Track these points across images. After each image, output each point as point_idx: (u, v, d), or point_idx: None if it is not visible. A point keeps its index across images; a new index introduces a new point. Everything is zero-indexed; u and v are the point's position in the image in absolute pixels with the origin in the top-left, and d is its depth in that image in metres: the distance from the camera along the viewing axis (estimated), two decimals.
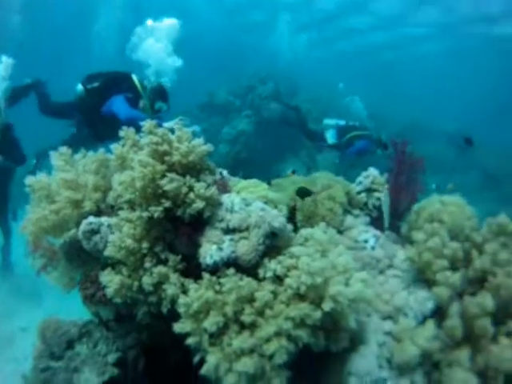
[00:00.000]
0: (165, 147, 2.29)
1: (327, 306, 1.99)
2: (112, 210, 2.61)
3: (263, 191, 2.46)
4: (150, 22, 6.05)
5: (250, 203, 2.27)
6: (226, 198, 2.33)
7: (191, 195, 2.20)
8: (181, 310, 2.09)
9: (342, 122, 9.04)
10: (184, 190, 2.21)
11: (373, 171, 3.33)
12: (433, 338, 2.26)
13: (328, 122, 9.27)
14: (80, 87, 6.01)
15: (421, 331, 2.30)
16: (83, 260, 2.70)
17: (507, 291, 2.26)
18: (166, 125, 4.96)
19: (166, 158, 2.28)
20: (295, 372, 2.10)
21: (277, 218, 2.19)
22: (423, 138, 16.12)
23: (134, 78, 5.79)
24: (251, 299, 2.07)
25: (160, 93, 5.81)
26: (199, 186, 2.23)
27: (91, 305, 2.67)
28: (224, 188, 2.45)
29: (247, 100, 13.86)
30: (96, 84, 5.83)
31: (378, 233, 2.99)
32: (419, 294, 2.54)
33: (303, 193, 2.91)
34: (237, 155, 11.03)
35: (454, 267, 2.50)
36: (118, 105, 5.36)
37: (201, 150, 2.37)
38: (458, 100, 31.21)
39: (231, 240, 2.19)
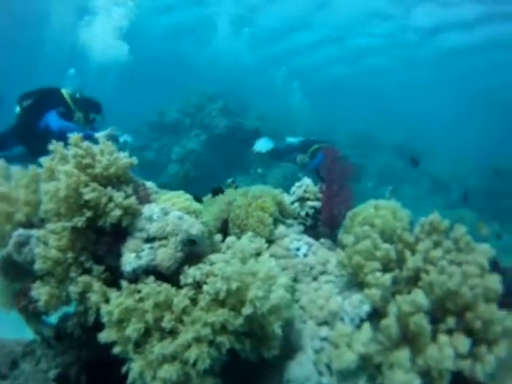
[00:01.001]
0: (88, 160, 2.31)
1: (246, 310, 1.97)
2: (42, 223, 2.59)
3: (185, 202, 2.46)
4: None
5: (168, 212, 2.26)
6: (146, 208, 2.32)
7: (110, 205, 2.21)
8: (104, 318, 2.06)
9: (303, 139, 9.10)
10: (104, 199, 2.21)
11: (306, 180, 3.34)
12: (370, 341, 2.24)
13: (290, 139, 9.33)
14: (17, 108, 5.90)
15: (357, 335, 2.27)
16: (18, 274, 2.64)
17: (441, 288, 2.23)
18: (98, 135, 5.04)
19: (89, 171, 2.30)
20: (232, 381, 2.10)
21: (194, 226, 2.19)
22: (374, 150, 16.51)
23: (64, 92, 5.76)
24: (171, 306, 2.07)
25: (92, 104, 5.81)
26: (118, 196, 2.23)
27: (29, 321, 2.63)
28: (146, 199, 2.45)
29: (197, 119, 13.87)
30: (29, 101, 5.74)
31: (311, 241, 2.98)
32: (354, 297, 2.52)
33: (216, 191, 3.00)
34: (187, 174, 10.98)
35: (387, 269, 2.52)
36: (52, 119, 5.34)
37: (123, 163, 2.40)
38: (408, 111, 32.08)
39: (150, 248, 2.18)
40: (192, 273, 2.13)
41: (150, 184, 2.74)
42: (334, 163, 3.18)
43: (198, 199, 3.37)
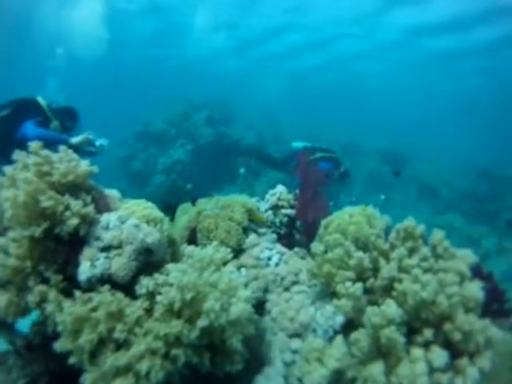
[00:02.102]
0: (46, 167, 2.24)
1: (201, 322, 1.85)
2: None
3: (145, 210, 2.35)
4: None
5: (125, 221, 2.16)
6: (103, 217, 2.22)
7: (67, 213, 2.12)
8: (59, 328, 1.96)
9: (309, 144, 8.91)
10: (61, 208, 2.13)
11: (279, 188, 3.24)
12: (342, 356, 2.13)
13: (296, 144, 9.14)
14: None
15: (329, 350, 2.17)
16: None
17: (413, 298, 2.11)
18: (74, 140, 5.05)
19: (47, 178, 2.22)
20: None
21: (151, 235, 2.10)
22: (360, 157, 16.47)
23: (41, 101, 5.70)
24: (124, 316, 1.97)
25: (68, 112, 5.77)
26: (75, 204, 2.14)
27: (1, 330, 2.55)
28: (106, 207, 2.35)
29: (183, 128, 13.78)
30: (7, 111, 5.68)
31: (284, 250, 2.87)
32: (327, 308, 2.42)
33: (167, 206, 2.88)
34: (172, 185, 10.83)
35: (362, 278, 2.41)
36: (29, 128, 5.28)
37: (83, 170, 2.30)
38: (394, 117, 32.17)
39: (106, 257, 2.08)
40: (145, 283, 2.04)
41: (113, 192, 2.64)
42: (308, 170, 3.08)
43: (173, 209, 3.27)
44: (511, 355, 2.50)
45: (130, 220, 2.17)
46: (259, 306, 2.59)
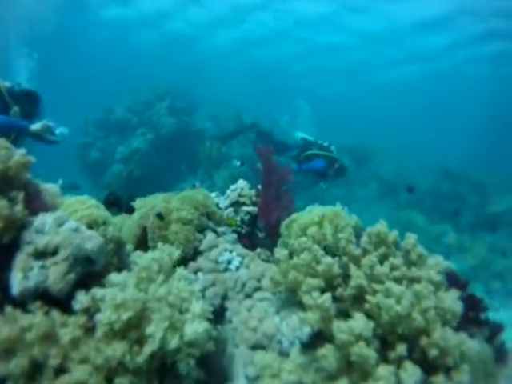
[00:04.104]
0: None
1: (147, 348, 1.58)
2: None
3: (88, 209, 2.02)
4: None
5: (62, 223, 1.84)
6: (38, 218, 1.87)
7: None
8: None
9: (311, 138, 8.52)
10: None
11: (240, 183, 3.00)
12: (296, 367, 1.97)
13: (300, 134, 8.74)
14: None
15: (285, 365, 1.98)
16: None
17: (387, 312, 1.91)
18: (33, 127, 4.73)
19: None
20: None
21: (91, 240, 1.78)
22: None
23: (1, 85, 5.30)
24: (58, 338, 1.68)
25: (30, 97, 5.36)
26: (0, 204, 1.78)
27: None
28: (43, 206, 2.01)
29: (145, 117, 13.36)
30: None
31: (245, 251, 2.64)
32: (293, 317, 2.21)
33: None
34: (130, 174, 10.46)
35: (331, 285, 2.20)
36: None
37: (15, 161, 1.95)
38: (356, 113, 32.25)
39: (41, 267, 1.76)
40: (81, 298, 1.72)
41: (53, 187, 2.29)
42: (271, 166, 2.84)
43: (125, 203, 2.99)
44: (485, 364, 2.37)
45: (68, 222, 1.84)
46: (218, 314, 2.36)
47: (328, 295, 2.01)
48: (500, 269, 9.50)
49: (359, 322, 1.86)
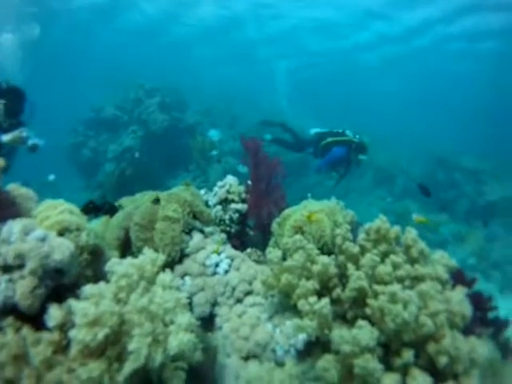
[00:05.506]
0: None
1: (129, 366, 1.40)
2: None
3: (60, 215, 1.83)
4: None
5: (29, 231, 1.65)
6: (5, 226, 1.68)
7: None
8: None
9: (325, 130, 8.08)
10: None
11: (229, 179, 2.82)
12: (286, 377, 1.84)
13: (314, 130, 8.33)
14: None
15: (278, 374, 1.83)
16: None
17: (394, 320, 1.74)
18: (5, 137, 4.46)
19: None
20: None
21: (59, 249, 1.60)
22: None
23: None
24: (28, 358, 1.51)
25: (14, 94, 5.09)
26: None
27: None
28: (13, 212, 1.82)
29: (135, 114, 13.14)
30: None
31: (234, 252, 2.47)
32: (288, 324, 2.05)
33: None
34: (122, 173, 10.23)
35: (327, 287, 2.04)
36: None
37: None
38: (348, 99, 32.01)
39: (9, 281, 1.58)
40: (54, 313, 1.55)
41: (26, 192, 2.09)
42: (259, 158, 2.67)
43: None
44: (492, 363, 2.22)
45: (35, 231, 1.65)
46: (208, 321, 2.20)
47: (326, 301, 1.86)
48: (498, 258, 9.40)
49: (365, 332, 1.70)
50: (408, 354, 1.75)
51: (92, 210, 2.54)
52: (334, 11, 18.09)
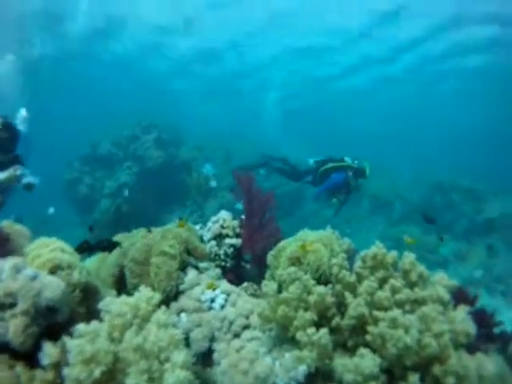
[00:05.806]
0: None
1: None
2: None
3: (52, 253, 1.83)
4: None
5: (20, 270, 1.64)
6: None
7: None
8: None
9: (323, 157, 8.06)
10: None
11: (223, 214, 2.82)
12: None
13: (311, 159, 8.30)
14: None
15: None
16: None
17: (395, 345, 1.72)
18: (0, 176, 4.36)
19: None
20: None
21: (51, 288, 1.59)
22: None
23: None
24: None
25: (7, 132, 5.05)
26: None
27: None
28: (4, 249, 1.83)
29: (130, 150, 13.19)
30: None
31: (230, 287, 2.45)
32: (287, 356, 2.01)
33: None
34: (118, 209, 10.23)
35: (325, 316, 2.02)
36: None
37: None
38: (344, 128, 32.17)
39: (1, 319, 1.58)
40: (48, 351, 1.53)
41: (20, 229, 2.10)
42: (252, 193, 2.67)
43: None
44: (502, 378, 2.18)
45: (26, 269, 1.65)
46: (207, 356, 2.16)
47: (324, 331, 1.84)
48: (501, 272, 9.42)
49: (367, 360, 1.68)
50: (414, 378, 1.73)
51: (86, 249, 2.53)
52: (318, 38, 18.16)
